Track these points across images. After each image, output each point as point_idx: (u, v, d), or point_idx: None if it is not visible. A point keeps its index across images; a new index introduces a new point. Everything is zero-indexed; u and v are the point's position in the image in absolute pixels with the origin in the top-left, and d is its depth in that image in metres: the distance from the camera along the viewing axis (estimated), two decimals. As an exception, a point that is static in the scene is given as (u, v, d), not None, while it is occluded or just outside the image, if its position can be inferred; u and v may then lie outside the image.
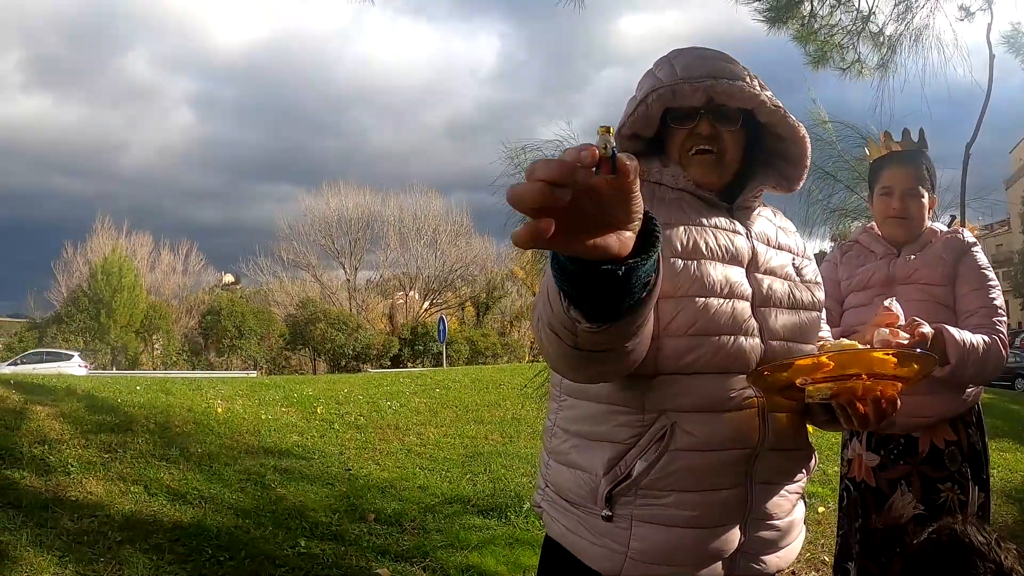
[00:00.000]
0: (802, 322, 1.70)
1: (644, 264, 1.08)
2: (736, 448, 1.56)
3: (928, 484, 2.69)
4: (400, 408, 10.61)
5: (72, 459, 6.27)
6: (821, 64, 7.82)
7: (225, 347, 41.25)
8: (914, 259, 2.82)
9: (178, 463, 6.64)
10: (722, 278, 1.59)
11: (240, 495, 6.04)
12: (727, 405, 1.56)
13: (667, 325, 1.53)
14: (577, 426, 1.66)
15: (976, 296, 2.73)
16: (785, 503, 1.68)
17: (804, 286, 1.75)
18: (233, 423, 8.54)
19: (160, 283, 46.98)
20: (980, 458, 2.76)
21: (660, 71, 1.70)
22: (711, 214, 1.67)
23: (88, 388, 9.34)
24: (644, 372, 1.52)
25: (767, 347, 1.61)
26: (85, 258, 42.89)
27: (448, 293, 52.63)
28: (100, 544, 4.79)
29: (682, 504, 1.55)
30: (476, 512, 6.02)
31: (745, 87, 1.63)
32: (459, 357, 40.73)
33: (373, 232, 50.92)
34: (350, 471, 7.19)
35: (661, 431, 1.54)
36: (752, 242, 1.69)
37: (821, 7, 7.66)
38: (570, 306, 1.14)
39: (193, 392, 10.31)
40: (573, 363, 1.34)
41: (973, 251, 2.80)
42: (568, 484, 1.65)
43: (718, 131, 1.67)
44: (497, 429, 9.47)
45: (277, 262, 50.10)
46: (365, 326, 44.58)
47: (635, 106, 1.67)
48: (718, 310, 1.56)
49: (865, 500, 2.82)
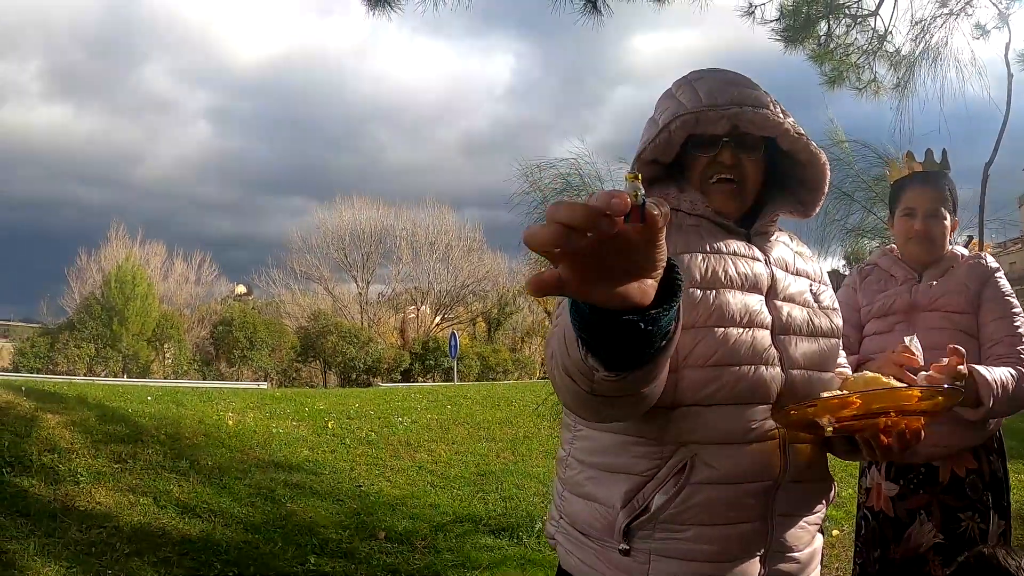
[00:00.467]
0: (821, 349, 1.66)
1: (666, 315, 1.03)
2: (757, 481, 1.52)
3: (949, 513, 2.63)
4: (411, 424, 10.56)
5: (82, 469, 6.26)
6: (837, 84, 7.81)
7: (236, 358, 41.27)
8: (936, 285, 2.75)
9: (188, 475, 6.62)
10: (741, 307, 1.55)
11: (250, 510, 6.00)
12: (748, 437, 1.52)
13: (686, 356, 1.49)
14: (593, 457, 1.62)
15: (1001, 325, 2.66)
16: (805, 535, 1.63)
17: (822, 312, 1.70)
18: (244, 436, 8.52)
19: (173, 292, 47.08)
20: (1001, 486, 2.72)
21: (682, 95, 1.66)
22: (730, 241, 1.64)
23: (99, 397, 9.33)
24: (663, 404, 1.47)
25: (787, 376, 1.56)
26: (99, 265, 43.03)
27: (460, 308, 52.65)
28: (108, 556, 4.77)
29: (702, 538, 1.50)
30: (487, 532, 5.96)
31: (770, 115, 1.60)
32: (470, 372, 40.69)
33: (385, 246, 51.06)
34: (361, 487, 7.15)
35: (680, 463, 1.50)
36: (771, 268, 1.65)
37: (837, 26, 7.65)
38: (588, 354, 1.09)
39: (204, 404, 10.29)
40: (588, 406, 1.31)
41: (996, 277, 2.74)
42: (584, 516, 1.61)
43: (740, 160, 1.63)
44: (509, 447, 9.41)
45: (289, 274, 50.26)
46: (376, 340, 44.60)
47: (657, 132, 1.63)
48: (738, 340, 1.52)
49: (883, 530, 2.75)
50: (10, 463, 6.06)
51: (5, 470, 5.91)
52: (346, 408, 11.47)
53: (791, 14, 7.33)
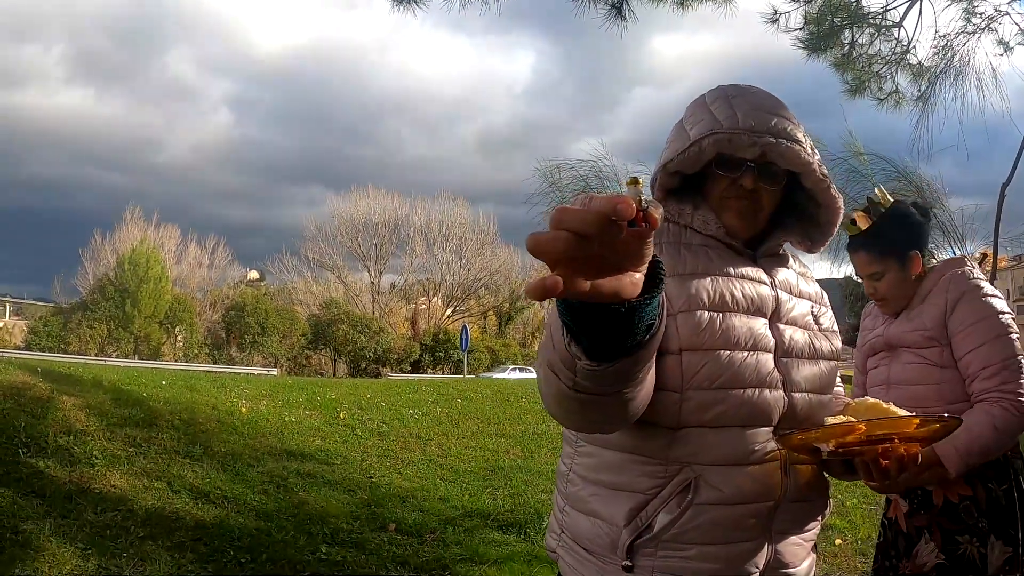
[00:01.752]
0: (822, 372, 1.68)
1: (647, 305, 1.05)
2: (759, 502, 1.55)
3: (947, 536, 2.62)
4: (422, 417, 10.62)
5: (97, 451, 6.33)
6: (858, 93, 7.80)
7: (247, 343, 41.44)
8: (904, 322, 2.75)
9: (201, 461, 6.68)
10: (746, 331, 1.57)
11: (263, 497, 6.06)
12: (751, 458, 1.54)
13: (692, 378, 1.51)
14: (596, 474, 1.63)
15: (975, 357, 2.54)
16: (801, 551, 1.66)
17: (823, 335, 1.73)
18: (257, 423, 8.59)
19: (186, 276, 47.27)
20: (1005, 513, 2.61)
21: (718, 110, 1.65)
22: (737, 263, 1.65)
23: (114, 380, 9.41)
24: (668, 424, 1.51)
25: (790, 399, 1.58)
26: (113, 247, 43.26)
27: (471, 301, 52.77)
28: (123, 539, 4.82)
29: (704, 557, 1.53)
30: (496, 527, 6.00)
31: (802, 153, 1.60)
32: (479, 366, 40.78)
33: (399, 237, 51.26)
34: (372, 479, 7.21)
35: (684, 483, 1.53)
36: (776, 291, 1.67)
37: (861, 36, 7.64)
38: (571, 341, 1.11)
39: (217, 390, 10.37)
40: (568, 406, 1.30)
41: (967, 299, 2.62)
42: (587, 533, 1.63)
43: (760, 187, 1.63)
44: (518, 443, 9.45)
45: (303, 262, 50.51)
46: (387, 330, 44.73)
47: (688, 145, 1.62)
48: (743, 363, 1.54)
49: (897, 542, 2.78)
50: (26, 444, 6.13)
51: (21, 451, 5.98)
52: (358, 399, 11.53)
53: (816, 21, 7.32)
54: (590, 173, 9.16)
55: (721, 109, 1.64)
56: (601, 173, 8.53)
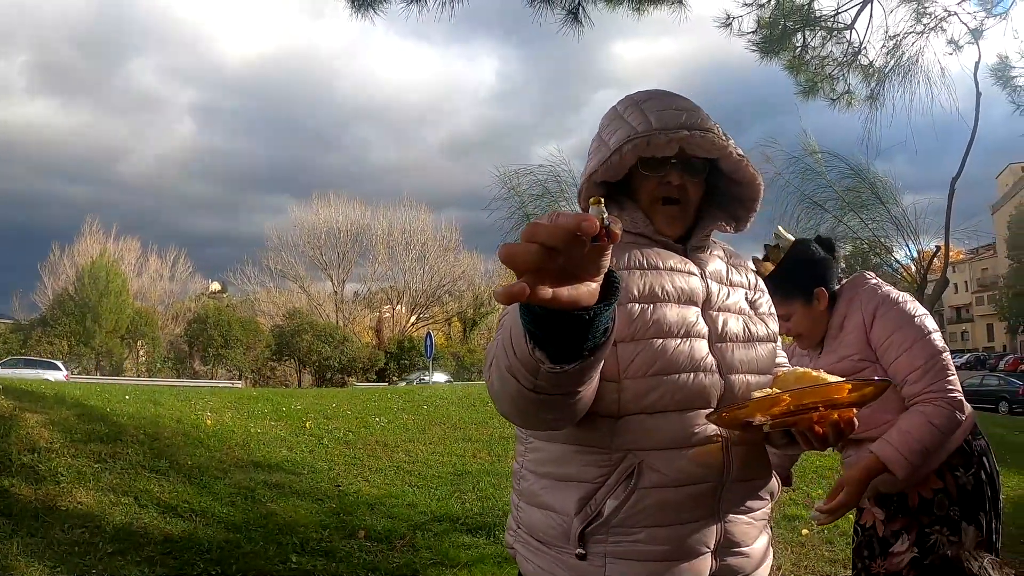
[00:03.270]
0: (759, 355, 1.75)
1: (607, 310, 1.14)
2: (703, 482, 1.60)
3: (921, 530, 2.67)
4: (388, 424, 10.63)
5: (63, 468, 6.29)
6: (811, 94, 7.95)
7: (210, 356, 41.08)
8: (829, 354, 2.79)
9: (168, 475, 6.66)
10: (678, 319, 1.62)
11: (231, 509, 6.05)
12: (692, 441, 1.59)
13: (627, 367, 1.57)
14: (545, 468, 1.69)
15: (902, 363, 2.60)
16: (753, 530, 1.72)
17: (759, 319, 1.80)
18: (222, 436, 8.56)
19: (147, 289, 46.78)
20: (972, 499, 2.67)
21: (631, 117, 1.73)
22: (666, 257, 1.71)
23: (77, 396, 9.35)
24: (608, 413, 1.57)
25: (726, 382, 1.64)
26: (72, 261, 42.69)
27: (435, 308, 52.65)
28: (92, 555, 4.81)
29: (654, 539, 1.58)
30: (465, 530, 6.04)
31: (716, 139, 1.69)
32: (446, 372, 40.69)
33: (362, 245, 51.06)
34: (340, 487, 7.22)
35: (629, 469, 1.58)
36: (706, 282, 1.73)
37: (813, 39, 7.78)
38: (535, 348, 1.19)
39: (181, 403, 10.32)
40: (526, 407, 1.37)
41: (880, 312, 2.69)
42: (540, 525, 1.67)
43: (685, 181, 1.72)
44: (485, 448, 9.49)
45: (265, 272, 50.15)
46: (352, 339, 44.53)
47: (609, 155, 1.70)
48: (676, 350, 1.59)
49: (872, 544, 2.82)
50: (-10, 463, 6.08)
51: (-14, 470, 5.93)
52: (323, 408, 11.53)
53: (768, 26, 7.44)
54: (548, 178, 9.27)
55: (634, 116, 1.73)
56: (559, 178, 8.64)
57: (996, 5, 7.30)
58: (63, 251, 43.87)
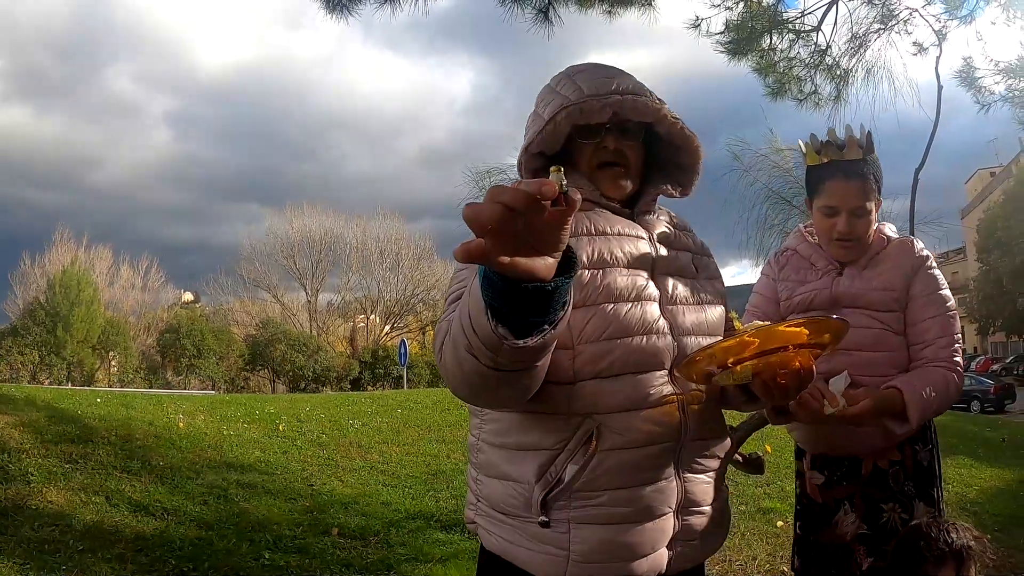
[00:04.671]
0: (708, 317, 1.78)
1: (566, 284, 1.18)
2: (661, 443, 1.62)
3: (872, 505, 2.63)
4: (362, 427, 10.58)
5: (32, 468, 6.24)
6: (780, 95, 8.05)
7: (183, 366, 40.71)
8: (860, 281, 2.58)
9: (140, 475, 6.61)
10: (629, 283, 1.66)
11: (203, 508, 6.02)
12: (648, 402, 1.61)
13: (580, 332, 1.60)
14: (503, 438, 1.70)
15: (933, 325, 2.50)
16: (711, 489, 1.75)
17: (706, 282, 1.85)
18: (195, 438, 8.50)
19: (119, 299, 46.32)
20: (926, 475, 2.65)
21: (563, 88, 1.77)
22: (615, 222, 1.75)
23: (48, 399, 9.26)
24: (564, 380, 1.59)
25: (679, 343, 1.67)
26: (43, 270, 42.21)
27: (409, 317, 52.49)
28: (62, 553, 4.77)
29: (616, 501, 1.60)
30: (439, 527, 6.03)
31: (649, 103, 1.73)
32: (420, 381, 40.53)
33: (335, 254, 50.83)
34: (313, 487, 7.18)
35: (587, 433, 1.59)
36: (655, 246, 1.77)
37: (781, 41, 7.88)
38: (498, 324, 1.21)
39: (154, 407, 10.24)
40: (483, 385, 1.39)
41: (928, 268, 2.57)
42: (501, 496, 1.69)
43: (622, 145, 1.76)
44: (459, 448, 9.45)
45: (238, 282, 49.83)
46: (326, 348, 44.31)
47: (543, 125, 1.73)
48: (627, 313, 1.62)
49: (813, 516, 2.79)
50: (-41, 463, 6.02)
51: (-46, 470, 5.87)
52: (296, 412, 11.47)
53: (736, 28, 7.54)
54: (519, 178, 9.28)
55: (566, 87, 1.77)
56: (532, 178, 8.68)
57: (960, 7, 7.41)
58: (34, 260, 43.43)
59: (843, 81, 7.98)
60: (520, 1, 6.64)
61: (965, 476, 8.78)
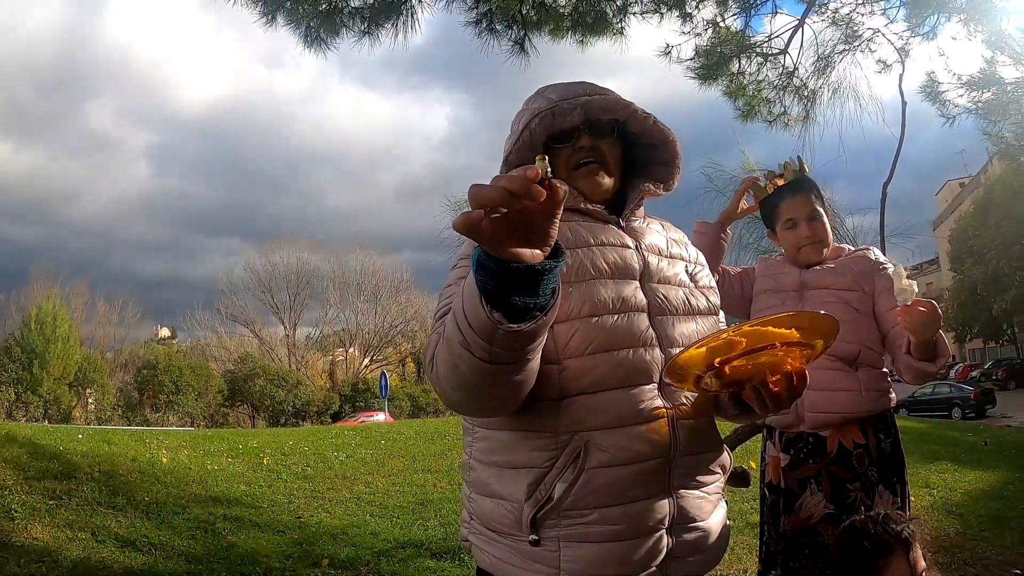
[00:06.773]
0: (700, 328, 1.76)
1: (556, 267, 1.24)
2: (651, 459, 1.59)
3: (837, 484, 2.73)
4: (347, 459, 10.52)
5: (16, 504, 6.16)
6: (750, 118, 8.17)
7: (161, 403, 40.39)
8: (823, 271, 2.92)
9: (125, 511, 6.54)
10: (613, 295, 1.63)
11: (191, 542, 5.96)
12: (637, 418, 1.59)
13: (565, 346, 1.59)
14: (493, 456, 1.68)
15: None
16: (706, 504, 1.71)
17: (700, 292, 1.81)
18: (179, 473, 8.43)
19: (95, 335, 45.95)
20: (890, 463, 2.79)
21: (533, 102, 1.82)
22: (600, 232, 1.74)
23: (28, 435, 9.14)
24: (551, 396, 1.58)
25: (667, 356, 1.64)
26: (19, 306, 41.84)
27: (389, 349, 52.41)
28: (49, 589, 4.70)
29: (606, 519, 1.57)
30: (429, 555, 5.99)
31: (618, 99, 1.78)
32: (401, 413, 40.41)
33: (313, 288, 50.78)
34: (301, 519, 7.13)
35: (575, 451, 1.57)
36: (643, 254, 1.75)
37: (749, 64, 8.00)
38: (492, 309, 1.23)
39: (136, 443, 10.13)
40: (477, 382, 1.39)
41: (883, 268, 2.91)
42: (492, 514, 1.67)
43: (597, 143, 1.79)
44: (445, 477, 9.42)
45: (216, 317, 49.62)
46: (305, 382, 44.14)
47: (519, 134, 1.77)
48: (613, 325, 1.60)
49: (778, 503, 2.85)
50: (-59, 501, 5.94)
51: (-64, 508, 5.79)
52: (280, 445, 11.38)
53: (705, 54, 7.67)
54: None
55: (537, 100, 1.82)
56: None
57: (922, 25, 7.57)
58: (9, 296, 43.05)
59: (811, 101, 8.12)
60: (496, 32, 6.72)
61: (949, 480, 8.84)
